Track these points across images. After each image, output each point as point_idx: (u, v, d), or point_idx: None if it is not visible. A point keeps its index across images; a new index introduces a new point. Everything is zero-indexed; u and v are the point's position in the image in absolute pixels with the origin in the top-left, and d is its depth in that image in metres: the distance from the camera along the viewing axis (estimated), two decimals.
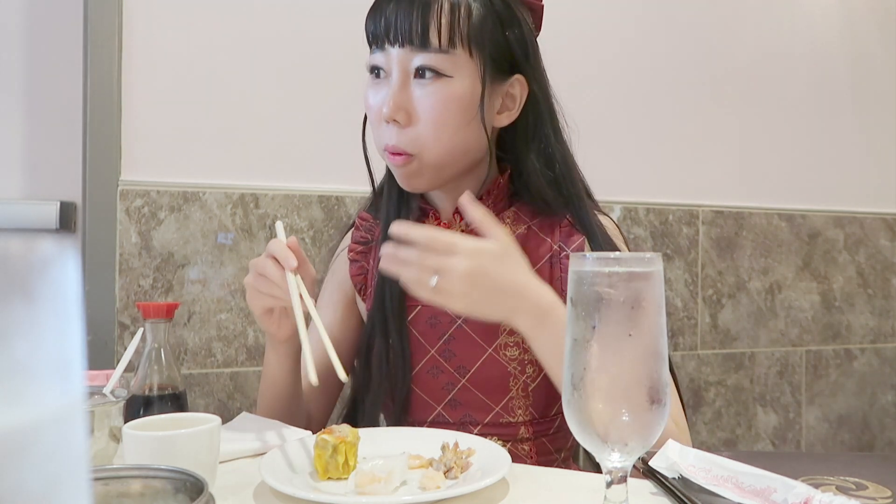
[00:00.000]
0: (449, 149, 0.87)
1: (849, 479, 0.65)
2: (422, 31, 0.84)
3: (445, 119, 0.86)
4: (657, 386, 0.49)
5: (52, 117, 1.47)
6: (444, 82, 0.85)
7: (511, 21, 0.89)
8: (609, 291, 0.49)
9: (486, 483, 0.62)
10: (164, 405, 0.85)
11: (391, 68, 0.86)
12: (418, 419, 0.92)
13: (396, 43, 0.85)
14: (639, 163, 1.82)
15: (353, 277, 1.00)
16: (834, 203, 2.02)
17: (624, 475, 0.51)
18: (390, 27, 0.85)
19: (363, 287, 0.99)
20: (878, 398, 2.06)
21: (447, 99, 0.85)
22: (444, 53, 0.84)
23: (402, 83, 0.86)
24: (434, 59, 0.84)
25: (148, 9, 1.43)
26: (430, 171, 0.88)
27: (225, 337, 1.46)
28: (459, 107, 0.86)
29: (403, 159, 0.86)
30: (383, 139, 0.88)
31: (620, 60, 1.80)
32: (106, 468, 0.54)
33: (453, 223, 0.96)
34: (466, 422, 0.90)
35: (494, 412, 0.90)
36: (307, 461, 0.70)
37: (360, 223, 1.01)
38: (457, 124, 0.86)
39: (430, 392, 0.92)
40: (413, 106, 0.86)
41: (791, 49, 1.98)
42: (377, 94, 0.88)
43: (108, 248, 1.39)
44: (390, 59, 0.86)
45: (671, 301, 1.81)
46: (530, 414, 0.90)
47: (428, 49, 0.84)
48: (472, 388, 0.90)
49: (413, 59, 0.85)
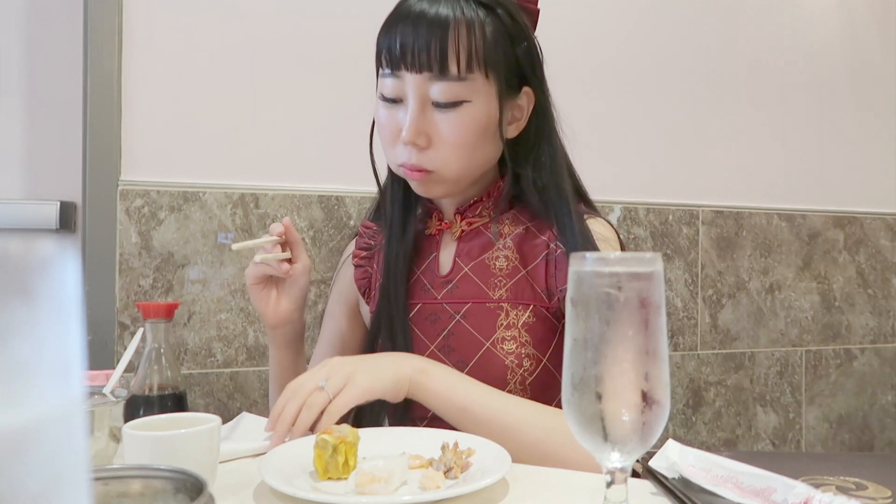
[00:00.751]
0: (468, 166, 0.90)
1: (849, 479, 0.65)
2: (440, 59, 0.84)
3: (465, 141, 0.88)
4: (657, 386, 0.49)
5: (52, 117, 1.47)
6: (463, 107, 0.86)
7: (519, 35, 0.90)
8: (609, 291, 0.49)
9: (486, 483, 0.62)
10: (164, 405, 0.85)
11: (407, 93, 0.87)
12: (419, 415, 0.92)
13: (413, 69, 0.85)
14: (639, 163, 1.82)
15: (358, 281, 1.03)
16: (834, 203, 2.02)
17: (624, 475, 0.51)
18: (406, 53, 0.85)
19: (367, 290, 1.02)
20: (878, 398, 2.06)
21: (466, 123, 0.87)
22: (461, 81, 0.85)
23: (420, 108, 0.86)
24: (453, 88, 0.85)
25: (148, 9, 1.43)
26: (448, 184, 0.92)
27: (225, 337, 1.46)
28: (478, 129, 0.88)
29: (422, 175, 0.89)
30: (399, 158, 0.90)
31: (620, 60, 1.80)
32: (106, 468, 0.54)
33: (454, 223, 0.98)
34: None
35: None
36: (307, 461, 0.70)
37: (364, 231, 1.05)
38: (476, 145, 0.89)
39: None
40: (433, 130, 0.87)
41: (791, 49, 1.98)
42: (392, 116, 0.89)
43: (108, 248, 1.39)
44: (406, 83, 0.87)
45: (671, 301, 1.82)
46: None
47: (447, 77, 0.85)
48: None
49: (431, 86, 0.85)
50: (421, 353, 0.93)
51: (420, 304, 0.95)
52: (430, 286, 0.96)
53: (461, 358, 0.91)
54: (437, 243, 0.99)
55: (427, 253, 0.99)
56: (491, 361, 0.90)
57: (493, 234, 0.96)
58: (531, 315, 0.92)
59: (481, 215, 0.98)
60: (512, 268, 0.94)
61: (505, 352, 0.90)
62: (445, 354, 0.92)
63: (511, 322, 0.91)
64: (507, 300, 0.92)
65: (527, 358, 0.90)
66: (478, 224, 0.97)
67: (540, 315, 0.92)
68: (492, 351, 0.90)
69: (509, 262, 0.95)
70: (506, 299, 0.92)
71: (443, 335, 0.93)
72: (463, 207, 0.98)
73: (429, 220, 1.00)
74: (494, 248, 0.96)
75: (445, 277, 0.96)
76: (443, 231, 0.99)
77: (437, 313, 0.94)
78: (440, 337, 0.93)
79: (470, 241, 0.97)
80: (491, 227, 0.97)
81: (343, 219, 1.53)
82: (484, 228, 0.97)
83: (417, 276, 0.98)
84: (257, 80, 1.50)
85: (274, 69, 1.51)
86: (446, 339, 0.93)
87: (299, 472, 0.69)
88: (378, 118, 0.92)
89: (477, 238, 0.97)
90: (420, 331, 0.94)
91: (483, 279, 0.94)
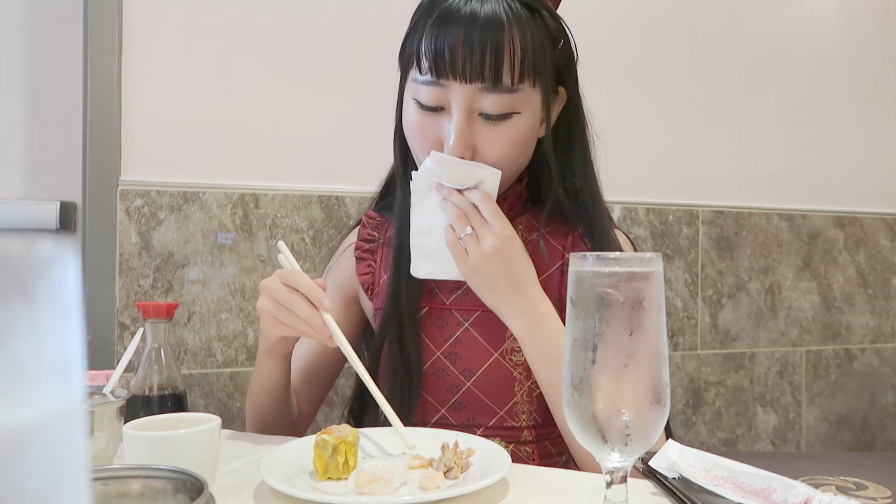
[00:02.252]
0: (509, 177, 0.87)
1: (849, 479, 0.65)
2: (495, 70, 0.79)
3: (513, 154, 0.84)
4: (657, 386, 0.49)
5: (52, 117, 1.47)
6: (512, 119, 0.82)
7: (559, 35, 0.87)
8: (609, 291, 0.49)
9: (486, 483, 0.62)
10: (164, 405, 0.85)
11: (451, 103, 0.81)
12: (422, 420, 0.91)
13: (463, 80, 0.79)
14: (639, 163, 1.82)
15: (360, 276, 0.98)
16: (834, 203, 2.02)
17: (624, 475, 0.51)
18: (457, 61, 0.78)
19: (370, 286, 0.98)
20: (878, 398, 2.06)
21: (515, 136, 0.83)
22: (513, 92, 0.80)
23: (467, 120, 0.81)
24: (505, 100, 0.80)
25: (148, 9, 1.43)
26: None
27: (225, 337, 1.46)
28: (526, 140, 0.85)
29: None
30: None
31: (620, 60, 1.80)
32: (106, 468, 0.54)
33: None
34: (470, 424, 0.90)
35: (498, 416, 0.89)
36: (307, 461, 0.70)
37: (368, 221, 1.00)
38: (522, 153, 0.86)
39: (434, 394, 0.91)
40: (478, 142, 0.82)
41: (791, 49, 1.97)
42: (430, 124, 0.83)
43: (108, 248, 1.39)
44: (451, 93, 0.81)
45: (671, 301, 1.81)
46: (534, 419, 0.90)
47: (499, 89, 0.80)
48: (477, 392, 0.89)
49: (481, 98, 0.80)
50: (427, 358, 0.91)
51: (427, 307, 0.92)
52: (437, 290, 0.92)
53: (468, 367, 0.89)
54: None
55: None
56: (498, 372, 0.88)
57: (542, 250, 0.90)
58: None
59: None
60: None
61: (513, 363, 0.88)
62: (452, 362, 0.90)
63: None
64: None
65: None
66: None
67: None
68: (500, 361, 0.88)
69: None
70: None
71: (450, 342, 0.90)
72: None
73: None
74: None
75: (456, 283, 0.91)
76: None
77: (444, 318, 0.91)
78: (447, 343, 0.90)
79: None
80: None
81: (343, 219, 1.53)
82: None
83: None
84: (257, 81, 1.50)
85: (274, 69, 1.51)
86: (453, 346, 0.90)
87: (299, 472, 0.69)
88: (411, 122, 0.85)
89: None
90: (426, 335, 0.91)
91: None
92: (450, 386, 0.90)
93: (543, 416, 0.90)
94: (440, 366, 0.91)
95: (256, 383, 0.93)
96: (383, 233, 0.98)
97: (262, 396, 0.93)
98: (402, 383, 0.90)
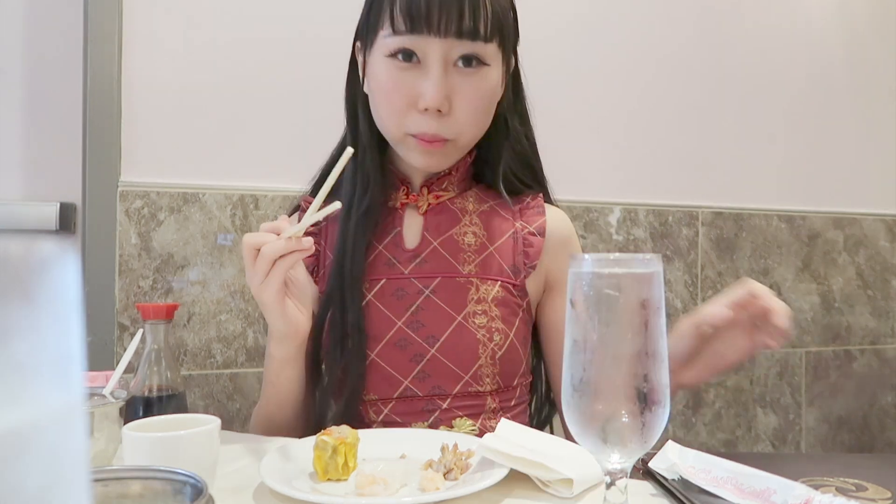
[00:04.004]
0: (479, 133, 0.92)
1: (848, 481, 0.65)
2: (473, 22, 0.83)
3: (484, 106, 0.89)
4: (657, 387, 0.49)
5: (51, 117, 1.47)
6: (484, 71, 0.87)
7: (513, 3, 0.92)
8: (609, 293, 0.49)
9: (486, 484, 0.62)
10: (164, 406, 0.85)
11: (429, 55, 0.84)
12: (385, 396, 0.89)
13: (441, 32, 0.83)
14: (638, 164, 1.82)
15: (305, 259, 0.94)
16: (834, 204, 2.02)
17: (624, 476, 0.51)
18: (434, 14, 0.82)
19: (315, 268, 0.97)
20: (877, 399, 2.06)
21: (486, 87, 0.88)
22: (486, 43, 0.85)
23: (444, 71, 0.85)
24: (479, 50, 0.85)
25: (148, 9, 1.43)
26: (457, 154, 0.92)
27: (224, 338, 1.46)
28: (493, 94, 0.90)
29: (440, 145, 0.88)
30: (414, 126, 0.87)
31: (619, 61, 1.80)
32: (106, 469, 0.54)
33: (422, 196, 0.97)
34: (435, 394, 0.89)
35: (464, 381, 0.89)
36: (307, 462, 0.70)
37: (306, 205, 0.99)
38: (489, 111, 0.91)
39: (397, 365, 0.89)
40: (455, 93, 0.86)
41: (790, 49, 1.98)
42: (407, 81, 0.86)
43: (108, 250, 1.39)
44: (427, 45, 0.84)
45: (671, 302, 1.81)
46: (496, 383, 0.91)
47: (477, 39, 0.84)
48: (442, 358, 0.89)
49: (457, 48, 0.84)
50: (387, 329, 0.90)
51: (384, 279, 0.92)
52: (395, 261, 0.93)
53: (432, 333, 0.90)
54: (401, 217, 0.96)
55: (390, 227, 0.95)
56: (462, 335, 0.89)
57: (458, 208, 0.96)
58: (500, 290, 0.92)
59: (447, 189, 0.97)
60: (480, 244, 0.94)
61: (476, 325, 0.89)
62: (414, 330, 0.90)
63: (481, 296, 0.91)
64: (477, 275, 0.92)
65: (496, 332, 0.90)
66: (444, 198, 0.97)
67: (507, 290, 0.93)
68: (463, 325, 0.89)
69: (477, 239, 0.95)
70: (475, 274, 0.92)
71: (411, 310, 0.90)
72: (430, 181, 0.97)
73: (394, 193, 0.97)
74: (461, 224, 0.95)
75: (413, 251, 0.93)
76: (406, 205, 0.97)
77: (403, 288, 0.92)
78: (408, 312, 0.90)
79: (437, 215, 0.96)
80: (456, 201, 0.97)
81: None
82: (450, 203, 0.97)
83: (379, 250, 0.94)
84: (257, 82, 1.50)
85: (274, 71, 1.51)
86: (415, 314, 0.90)
87: (299, 474, 0.69)
88: (383, 82, 0.87)
89: (444, 213, 0.96)
90: (385, 307, 0.91)
91: (452, 254, 0.93)
92: (413, 355, 0.89)
93: (505, 380, 0.91)
94: (402, 336, 0.90)
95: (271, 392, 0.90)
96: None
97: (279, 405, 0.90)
98: (350, 355, 0.88)
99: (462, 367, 0.89)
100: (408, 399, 0.89)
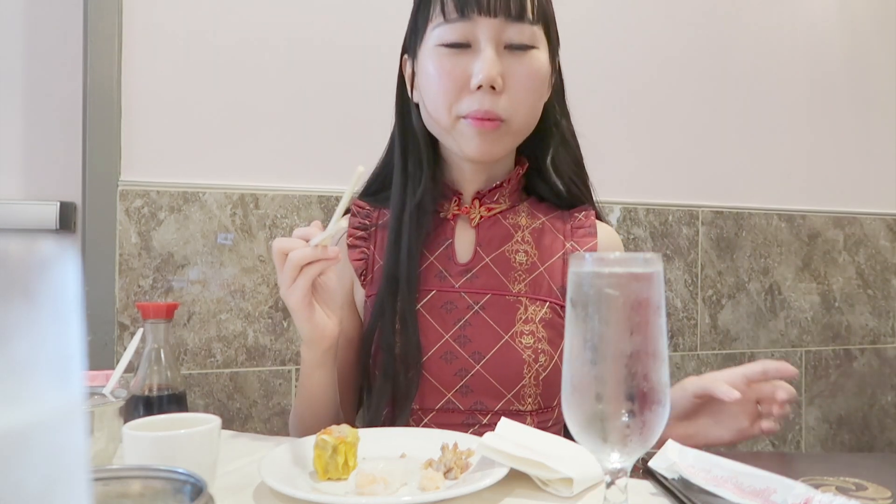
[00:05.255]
0: (532, 118, 0.92)
1: (848, 480, 0.65)
2: (520, 4, 0.86)
3: (535, 87, 0.90)
4: (657, 387, 0.49)
5: (51, 117, 1.47)
6: (533, 53, 0.88)
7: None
8: (609, 292, 0.49)
9: (486, 483, 0.62)
10: (164, 405, 0.85)
11: (480, 37, 0.86)
12: (427, 406, 0.90)
13: (489, 13, 0.85)
14: (639, 163, 1.82)
15: (354, 262, 0.97)
16: (834, 203, 2.02)
17: (624, 475, 0.51)
18: None
19: (364, 272, 0.97)
20: (877, 399, 2.06)
21: (537, 69, 0.89)
22: (533, 25, 0.87)
23: (496, 51, 0.87)
24: (529, 31, 0.87)
25: (148, 9, 1.43)
26: (511, 139, 0.92)
27: (225, 337, 1.46)
28: (544, 77, 0.91)
29: (495, 124, 0.88)
30: (467, 107, 0.87)
31: (620, 61, 1.80)
32: (106, 468, 0.53)
33: (473, 208, 0.96)
34: (477, 409, 0.89)
35: (506, 399, 0.89)
36: (307, 461, 0.70)
37: (357, 210, 1.01)
38: (540, 95, 0.92)
39: (441, 378, 0.90)
40: (507, 72, 0.87)
41: (791, 49, 1.98)
42: (459, 64, 0.87)
43: (108, 249, 1.39)
44: (477, 27, 0.86)
45: (671, 301, 1.81)
46: (538, 403, 0.90)
47: (524, 21, 0.86)
48: (487, 375, 0.89)
49: (507, 30, 0.86)
50: (435, 342, 0.90)
51: (434, 291, 0.92)
52: (446, 273, 0.93)
53: (478, 349, 0.89)
54: (452, 228, 0.96)
55: (442, 238, 0.95)
56: (508, 355, 0.89)
57: (510, 224, 0.96)
58: (548, 311, 0.92)
59: (498, 202, 0.97)
60: (531, 263, 0.94)
61: (523, 346, 0.89)
62: (461, 345, 0.90)
63: (529, 317, 0.91)
64: (526, 294, 0.92)
65: (542, 354, 0.90)
66: (496, 211, 0.96)
67: (555, 312, 0.93)
68: (510, 344, 0.89)
69: (528, 258, 0.94)
70: (524, 293, 0.92)
71: (459, 324, 0.91)
72: (482, 192, 0.96)
73: (446, 204, 0.97)
74: (513, 241, 0.95)
75: (465, 266, 0.93)
76: (458, 216, 0.96)
77: (453, 302, 0.92)
78: (456, 326, 0.90)
79: (489, 229, 0.95)
80: (508, 216, 0.97)
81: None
82: (502, 217, 0.96)
83: (431, 261, 0.94)
84: (257, 81, 1.50)
85: (274, 70, 1.51)
86: (463, 328, 0.90)
87: (299, 473, 0.69)
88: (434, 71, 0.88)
89: (496, 227, 0.96)
90: (433, 319, 0.91)
91: (504, 271, 0.93)
92: (458, 370, 0.90)
93: (545, 401, 0.91)
94: (448, 349, 0.90)
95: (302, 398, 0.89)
96: (375, 219, 0.99)
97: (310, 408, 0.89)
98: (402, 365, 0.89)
99: (506, 385, 0.89)
100: (449, 412, 0.89)
